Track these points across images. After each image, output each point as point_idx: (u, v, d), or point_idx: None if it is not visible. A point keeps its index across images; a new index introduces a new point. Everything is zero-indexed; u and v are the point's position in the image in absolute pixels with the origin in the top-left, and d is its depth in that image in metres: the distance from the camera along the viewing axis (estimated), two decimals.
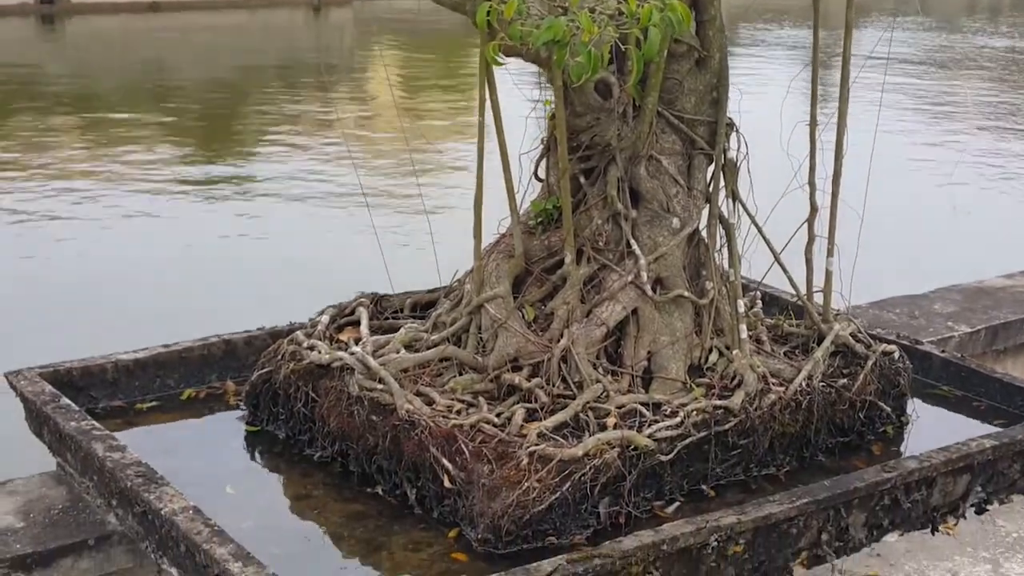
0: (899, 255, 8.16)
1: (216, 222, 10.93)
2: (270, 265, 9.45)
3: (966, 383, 3.63)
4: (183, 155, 13.81)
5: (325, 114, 16.10)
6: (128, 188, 12.04)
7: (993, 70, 20.35)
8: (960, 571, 4.53)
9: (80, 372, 3.43)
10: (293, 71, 19.31)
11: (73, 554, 3.16)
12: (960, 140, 15.19)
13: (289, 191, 11.92)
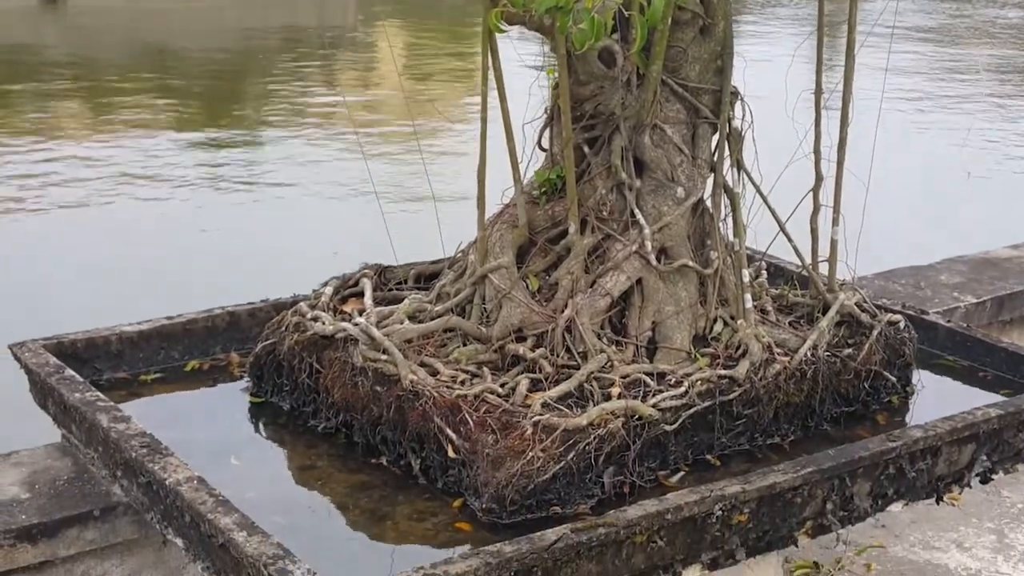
0: (906, 225, 8.18)
1: (219, 196, 10.93)
2: (273, 238, 9.45)
3: (971, 353, 3.62)
4: (186, 130, 13.79)
5: (329, 87, 16.10)
6: (130, 163, 12.02)
7: (1004, 39, 20.28)
8: (965, 541, 4.55)
9: (84, 344, 3.44)
10: (297, 43, 19.27)
11: (78, 525, 3.18)
12: (969, 109, 15.16)
13: (293, 164, 11.90)
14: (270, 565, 2.37)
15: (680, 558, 2.74)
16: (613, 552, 2.61)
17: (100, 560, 3.28)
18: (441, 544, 2.66)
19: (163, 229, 9.81)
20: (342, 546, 2.74)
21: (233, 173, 11.72)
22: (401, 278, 3.51)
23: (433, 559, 2.44)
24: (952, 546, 4.50)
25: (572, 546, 2.52)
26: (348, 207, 10.02)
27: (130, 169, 11.51)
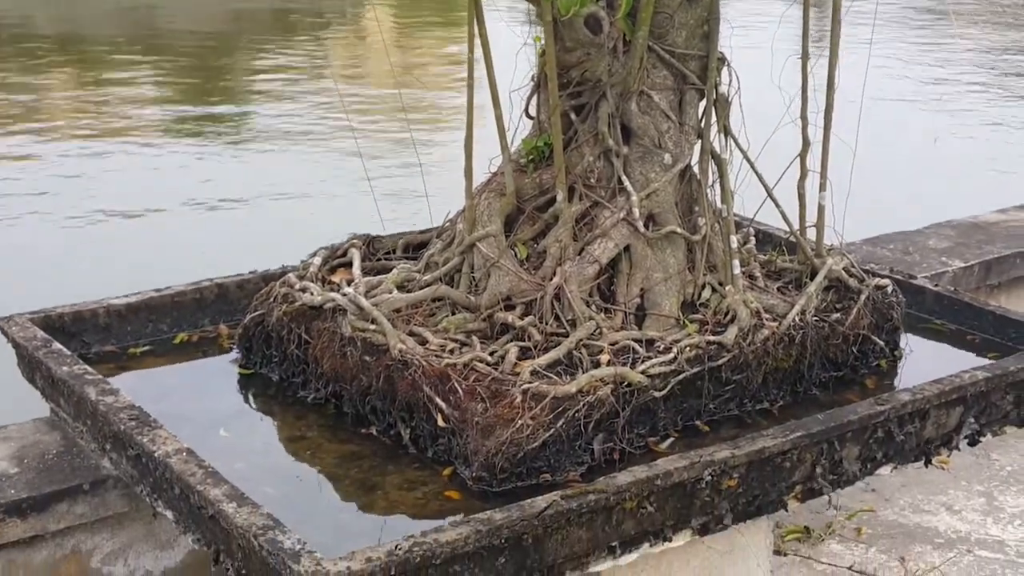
0: (894, 190, 8.17)
1: (207, 167, 10.91)
2: (261, 210, 9.44)
3: (959, 316, 3.63)
4: (174, 98, 13.75)
5: (318, 55, 16.04)
6: (118, 131, 11.98)
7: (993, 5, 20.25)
8: (955, 504, 4.57)
9: (72, 317, 3.43)
10: (286, 11, 19.21)
11: (68, 499, 3.18)
12: (955, 74, 15.15)
13: (281, 135, 11.88)
14: (260, 535, 2.37)
15: (670, 524, 2.75)
16: (603, 518, 2.61)
17: (91, 534, 3.29)
18: (431, 513, 2.66)
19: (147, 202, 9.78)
20: (332, 516, 2.74)
21: (220, 143, 11.70)
22: (389, 248, 3.50)
23: (423, 528, 2.44)
24: (942, 509, 4.51)
25: (562, 513, 2.53)
26: (336, 179, 10.00)
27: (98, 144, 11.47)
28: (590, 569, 2.70)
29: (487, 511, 2.49)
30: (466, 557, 2.42)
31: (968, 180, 10.24)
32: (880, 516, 4.44)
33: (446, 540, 2.38)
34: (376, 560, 2.30)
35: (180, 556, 3.43)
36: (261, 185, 10.23)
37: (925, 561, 4.18)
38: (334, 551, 2.33)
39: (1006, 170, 10.61)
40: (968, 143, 12.01)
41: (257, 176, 10.58)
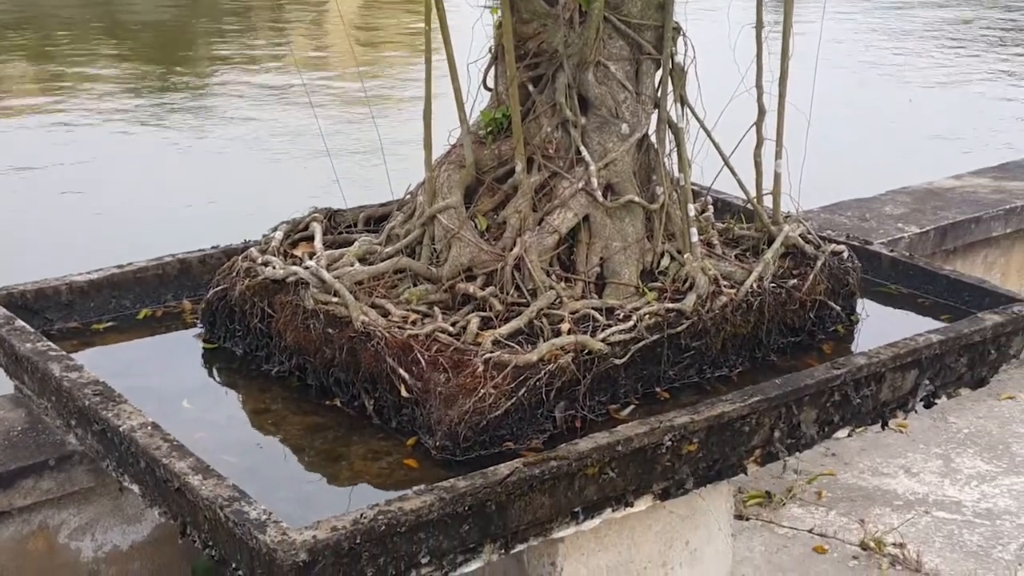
0: (850, 157, 8.21)
1: (167, 148, 10.87)
2: (222, 188, 9.42)
3: (914, 281, 3.66)
4: (134, 83, 13.67)
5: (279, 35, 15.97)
6: (80, 115, 11.93)
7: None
8: (913, 467, 4.62)
9: (34, 295, 3.41)
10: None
11: (34, 475, 3.17)
12: (910, 45, 15.22)
13: (241, 114, 11.83)
14: (226, 507, 2.38)
15: (632, 489, 2.77)
16: (565, 484, 2.63)
17: (57, 509, 3.28)
18: (396, 482, 2.67)
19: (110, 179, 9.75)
20: (298, 487, 2.74)
21: (181, 122, 11.64)
22: (351, 221, 3.50)
23: (388, 497, 2.46)
24: (900, 472, 4.57)
25: (525, 480, 2.54)
26: (297, 155, 9.98)
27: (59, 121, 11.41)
28: (553, 535, 2.72)
29: (450, 479, 2.50)
30: (430, 525, 2.43)
31: (925, 145, 10.31)
32: (840, 480, 4.49)
33: (410, 508, 2.39)
34: (341, 529, 2.31)
35: (147, 530, 3.43)
36: (220, 164, 10.21)
37: (884, 523, 4.23)
38: (300, 521, 2.34)
39: (961, 136, 10.69)
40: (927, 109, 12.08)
41: (215, 152, 10.55)
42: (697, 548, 3.23)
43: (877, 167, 8.24)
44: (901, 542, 4.11)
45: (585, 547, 3.01)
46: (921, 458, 4.66)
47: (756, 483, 4.35)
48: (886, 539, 4.12)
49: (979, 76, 13.74)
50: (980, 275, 4.51)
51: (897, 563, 4.02)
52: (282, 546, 2.26)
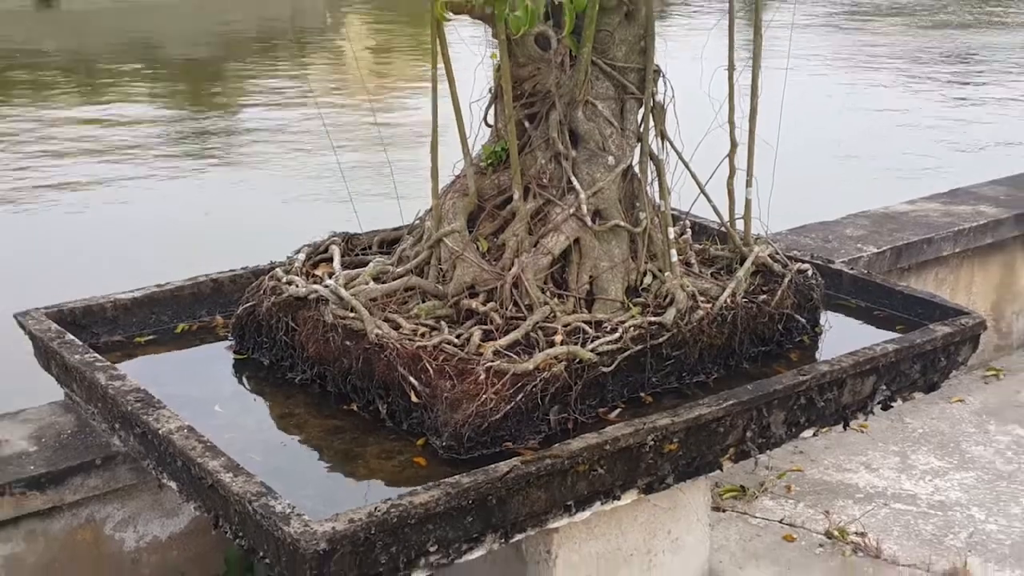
0: (814, 184, 8.22)
1: (198, 176, 10.86)
2: (247, 218, 9.41)
3: (871, 296, 3.66)
4: (169, 113, 13.66)
5: (299, 76, 15.98)
6: (116, 145, 11.90)
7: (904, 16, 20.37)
8: (872, 463, 4.62)
9: (82, 311, 3.42)
10: (271, 36, 19.11)
11: (82, 473, 3.18)
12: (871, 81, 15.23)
13: (265, 148, 11.83)
14: (254, 501, 2.39)
15: (619, 484, 2.78)
16: (559, 480, 2.64)
17: (103, 504, 3.29)
18: (407, 478, 2.67)
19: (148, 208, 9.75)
20: (319, 483, 2.75)
21: (209, 151, 11.64)
22: (366, 244, 3.51)
23: (400, 492, 2.46)
24: (861, 468, 4.56)
25: (522, 476, 2.55)
26: (316, 184, 9.99)
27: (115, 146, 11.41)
28: (549, 526, 2.73)
29: (455, 476, 2.51)
30: (437, 517, 2.44)
31: (883, 173, 10.31)
32: (807, 475, 4.49)
33: (420, 502, 2.40)
34: (358, 521, 2.32)
35: (184, 522, 3.44)
36: (245, 193, 10.21)
37: (847, 514, 4.22)
38: (320, 514, 2.35)
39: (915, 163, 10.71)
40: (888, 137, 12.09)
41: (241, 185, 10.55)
42: (678, 537, 3.24)
43: (839, 193, 8.24)
44: (862, 531, 4.10)
45: (577, 536, 3.02)
46: (880, 455, 4.66)
47: (731, 478, 4.35)
48: (849, 528, 4.12)
49: (930, 110, 13.75)
50: (931, 291, 4.52)
51: (859, 550, 4.01)
52: (304, 536, 2.27)
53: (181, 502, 3.20)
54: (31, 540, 3.20)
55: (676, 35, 15.07)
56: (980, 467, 4.58)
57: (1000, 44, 18.29)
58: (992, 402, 5.13)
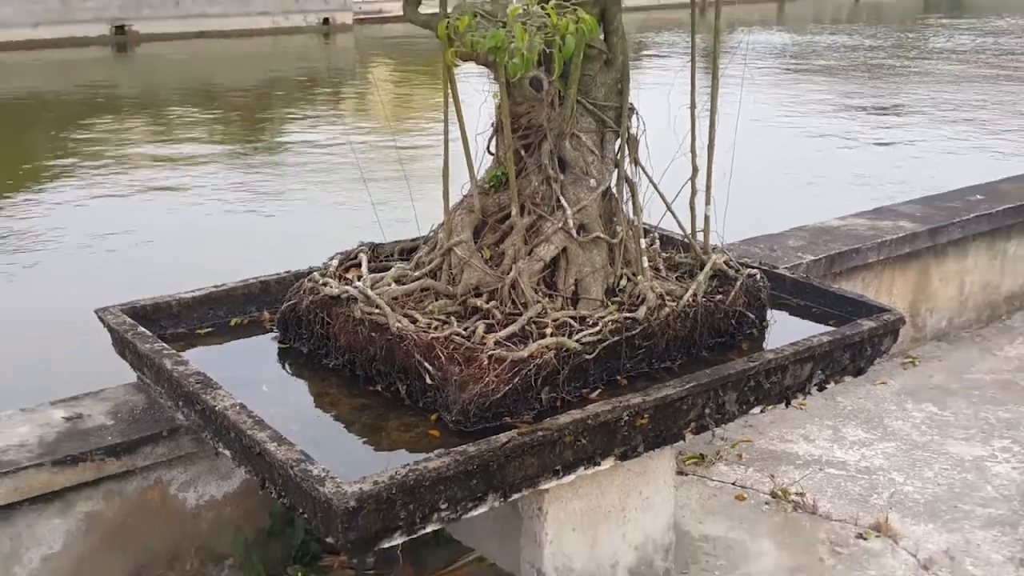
0: (762, 204, 8.22)
1: (248, 197, 10.89)
2: (290, 231, 9.44)
3: (809, 296, 3.66)
4: (229, 146, 13.68)
5: (335, 115, 15.99)
6: (182, 171, 11.94)
7: (834, 58, 20.39)
8: (810, 435, 4.64)
9: (152, 308, 3.42)
10: (311, 83, 19.12)
11: (151, 443, 3.19)
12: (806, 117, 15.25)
13: (308, 175, 11.85)
14: (295, 467, 2.39)
15: (599, 452, 2.78)
16: (549, 449, 2.64)
17: (169, 469, 3.29)
18: (422, 447, 2.67)
19: (208, 223, 9.77)
20: (349, 451, 2.75)
21: (261, 178, 11.65)
22: (389, 252, 3.50)
23: (416, 458, 2.47)
24: (801, 439, 4.58)
25: (518, 445, 2.56)
26: (347, 201, 10.01)
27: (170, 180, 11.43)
28: (540, 487, 2.73)
29: (463, 445, 2.51)
30: (448, 479, 2.44)
31: (821, 194, 10.33)
32: (755, 445, 4.50)
33: (433, 467, 2.41)
34: (381, 483, 2.33)
35: (236, 484, 3.43)
36: (289, 211, 10.24)
37: (789, 477, 4.24)
38: (350, 477, 2.35)
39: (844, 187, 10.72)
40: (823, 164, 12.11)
41: (287, 204, 10.58)
42: (648, 497, 3.24)
43: (782, 210, 8.24)
44: (801, 492, 4.12)
45: (564, 496, 3.02)
46: (816, 428, 4.68)
47: (692, 447, 4.36)
48: (790, 490, 4.13)
49: (863, 140, 13.77)
50: (859, 292, 4.52)
51: (799, 508, 4.03)
52: (336, 496, 2.27)
53: (234, 467, 3.20)
54: (109, 499, 3.20)
55: (648, 78, 15.09)
56: (899, 438, 4.59)
57: (920, 90, 18.32)
58: (909, 385, 5.15)
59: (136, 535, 3.26)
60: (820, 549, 3.77)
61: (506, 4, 2.86)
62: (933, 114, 15.77)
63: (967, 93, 17.54)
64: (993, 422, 4.76)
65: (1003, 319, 6.04)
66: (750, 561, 3.70)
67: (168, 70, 19.76)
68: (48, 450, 3.05)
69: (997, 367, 5.37)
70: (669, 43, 21.11)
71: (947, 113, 15.76)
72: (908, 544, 3.80)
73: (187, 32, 21.69)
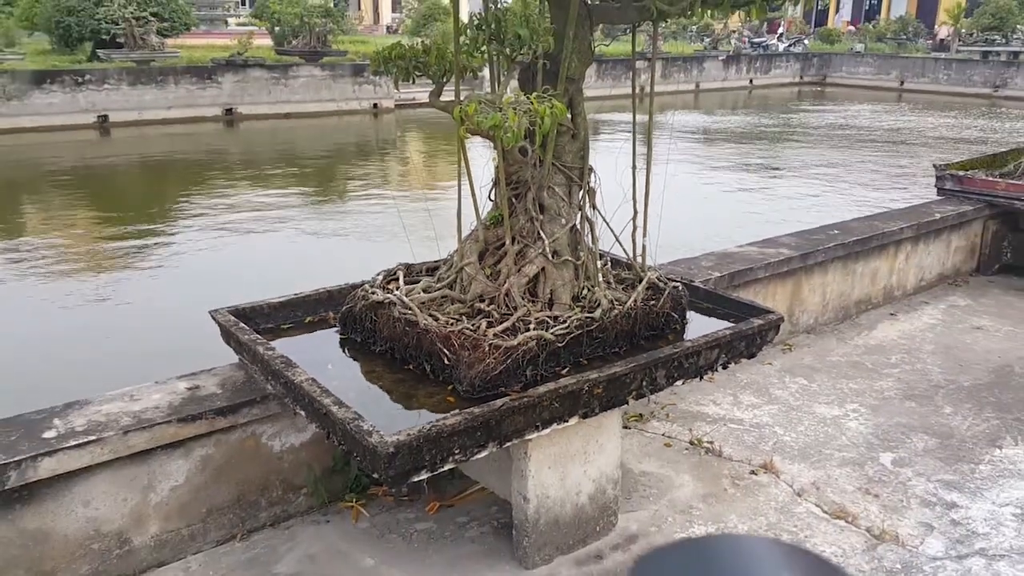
0: (683, 236, 8.22)
1: (318, 231, 10.86)
2: (348, 256, 9.42)
3: (717, 302, 3.66)
4: (306, 192, 13.65)
5: (382, 173, 15.96)
6: (273, 210, 11.90)
7: (740, 134, 20.40)
8: (716, 400, 4.62)
9: (250, 310, 3.41)
10: (364, 149, 19.10)
11: (249, 406, 3.18)
12: (716, 174, 15.27)
13: (361, 216, 11.82)
14: (351, 423, 2.38)
15: (567, 413, 2.78)
16: (531, 411, 2.64)
17: (261, 424, 3.28)
18: (442, 409, 2.67)
19: (290, 250, 9.74)
20: (389, 412, 2.74)
21: (328, 219, 11.63)
22: (419, 270, 3.49)
23: (438, 417, 2.47)
24: (710, 403, 4.57)
25: (510, 408, 2.56)
26: (389, 235, 9.99)
27: (264, 219, 11.40)
28: (526, 438, 2.73)
29: (471, 408, 2.51)
30: (460, 432, 2.44)
31: (724, 227, 10.32)
32: (678, 407, 4.50)
33: (449, 424, 2.40)
34: (412, 435, 2.32)
35: (309, 435, 3.43)
36: (347, 245, 10.22)
37: (702, 431, 4.23)
38: (390, 430, 2.34)
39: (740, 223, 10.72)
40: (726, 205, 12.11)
41: (346, 238, 10.56)
42: (603, 444, 3.24)
43: (698, 240, 8.24)
44: (711, 441, 4.11)
45: (543, 444, 3.01)
46: (721, 396, 4.67)
47: (633, 408, 4.35)
48: (703, 439, 4.12)
49: (753, 189, 13.78)
50: (752, 299, 4.51)
51: (710, 452, 4.02)
52: (380, 444, 2.26)
53: (307, 423, 3.19)
54: (218, 446, 3.18)
55: (602, 146, 15.09)
56: (780, 403, 4.59)
57: (795, 154, 18.35)
58: (787, 364, 5.15)
59: (237, 472, 3.25)
60: (724, 482, 3.76)
61: (502, 95, 2.85)
62: (803, 171, 15.79)
63: (828, 156, 17.58)
64: (846, 391, 4.77)
65: (853, 318, 6.05)
66: (674, 490, 3.69)
67: (263, 140, 19.73)
68: (175, 411, 3.04)
69: (849, 352, 5.38)
70: (618, 121, 21.14)
71: (813, 170, 15.79)
72: (787, 478, 3.80)
73: (277, 113, 21.67)
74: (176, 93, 20.06)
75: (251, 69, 21.13)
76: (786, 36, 40.45)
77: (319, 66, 22.49)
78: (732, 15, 3.19)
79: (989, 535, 3.39)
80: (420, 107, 24.12)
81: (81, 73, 18.88)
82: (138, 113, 19.47)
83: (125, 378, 3.43)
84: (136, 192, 13.92)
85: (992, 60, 32.00)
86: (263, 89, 21.31)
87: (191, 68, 20.45)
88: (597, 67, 27.13)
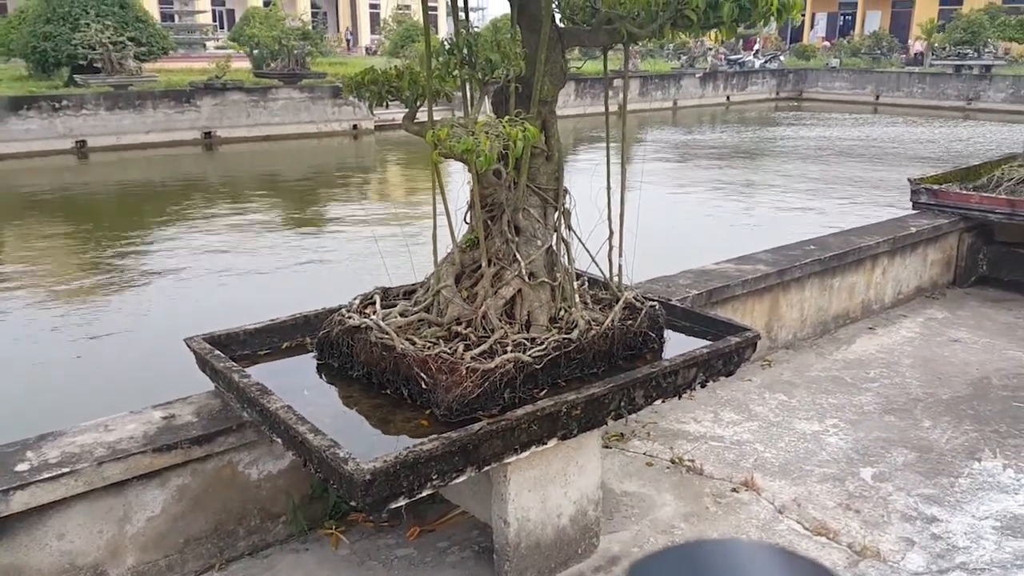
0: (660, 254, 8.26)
1: (296, 252, 10.83)
2: (326, 276, 9.38)
3: (694, 320, 3.67)
4: (284, 216, 13.61)
5: (359, 194, 15.95)
6: (250, 234, 11.85)
7: (717, 152, 20.58)
8: (697, 418, 4.63)
9: (225, 337, 3.38)
10: (342, 169, 19.09)
11: (225, 434, 3.14)
12: (692, 192, 15.38)
13: (338, 237, 11.79)
14: (327, 450, 2.36)
15: (546, 435, 2.77)
16: (509, 434, 2.63)
17: (237, 452, 3.25)
18: (419, 434, 2.65)
19: (267, 275, 9.69)
20: (367, 439, 2.72)
21: (306, 239, 11.59)
22: (395, 294, 3.49)
23: (415, 442, 2.45)
24: (691, 420, 4.57)
25: (488, 432, 2.54)
26: (365, 257, 9.97)
27: (240, 245, 11.34)
28: (504, 461, 2.72)
29: (448, 432, 2.49)
30: (437, 457, 2.43)
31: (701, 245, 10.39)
32: (659, 425, 4.50)
33: (427, 449, 2.39)
34: (389, 461, 2.30)
35: (286, 463, 3.39)
36: (326, 264, 10.17)
37: (683, 449, 4.23)
38: (368, 456, 2.33)
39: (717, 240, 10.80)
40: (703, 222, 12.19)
41: (325, 256, 10.51)
42: (583, 465, 3.23)
43: (674, 258, 8.29)
44: (692, 459, 4.11)
45: (522, 467, 3.00)
46: (702, 413, 4.68)
47: (614, 428, 4.35)
48: (684, 457, 4.12)
49: (728, 209, 13.89)
50: (729, 316, 4.54)
51: (691, 471, 4.02)
52: (356, 472, 2.24)
53: (284, 451, 3.15)
54: (194, 475, 3.15)
55: (578, 167, 15.19)
56: (760, 419, 4.60)
57: (772, 167, 18.53)
58: (767, 380, 5.17)
59: (214, 501, 3.21)
60: (706, 500, 3.76)
61: (474, 118, 2.87)
62: (783, 185, 15.95)
63: (806, 168, 17.77)
64: (826, 406, 4.79)
65: (831, 332, 6.09)
66: (656, 509, 3.69)
67: (241, 163, 19.67)
68: (150, 441, 3.01)
69: (828, 367, 5.42)
70: (592, 139, 21.29)
71: (792, 184, 15.96)
72: (768, 495, 3.80)
73: (256, 136, 21.65)
74: (154, 117, 19.99)
75: (230, 92, 21.11)
76: (762, 53, 41.02)
77: (298, 88, 22.51)
78: (705, 34, 3.23)
79: (969, 548, 3.40)
80: (399, 128, 24.18)
81: (58, 99, 18.78)
82: (116, 138, 19.38)
83: (100, 407, 3.38)
84: (113, 217, 13.82)
85: (965, 74, 32.60)
86: (242, 112, 21.29)
87: (169, 92, 20.41)
88: (575, 85, 27.34)
